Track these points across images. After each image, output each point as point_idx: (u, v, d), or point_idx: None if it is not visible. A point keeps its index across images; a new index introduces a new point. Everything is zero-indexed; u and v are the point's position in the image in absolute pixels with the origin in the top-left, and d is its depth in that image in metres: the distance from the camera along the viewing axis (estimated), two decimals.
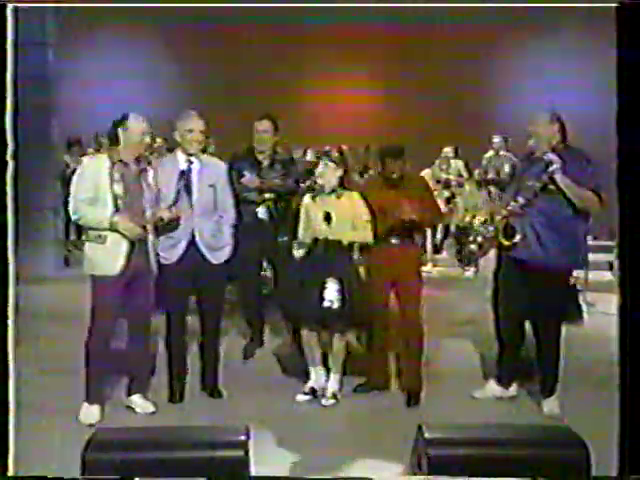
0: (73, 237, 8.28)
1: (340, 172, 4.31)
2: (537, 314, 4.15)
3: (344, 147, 7.74)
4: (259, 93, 10.49)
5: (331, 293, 4.09)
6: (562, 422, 3.70)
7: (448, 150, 9.72)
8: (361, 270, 4.42)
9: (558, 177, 3.92)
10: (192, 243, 4.24)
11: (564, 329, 4.25)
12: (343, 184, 4.35)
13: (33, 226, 7.33)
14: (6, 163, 2.37)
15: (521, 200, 4.02)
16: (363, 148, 10.00)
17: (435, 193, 5.82)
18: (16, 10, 2.44)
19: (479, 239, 4.16)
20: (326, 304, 4.08)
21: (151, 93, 10.78)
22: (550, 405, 4.17)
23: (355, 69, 11.56)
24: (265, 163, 4.90)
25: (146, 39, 11.39)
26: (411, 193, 4.31)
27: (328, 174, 4.26)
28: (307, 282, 4.21)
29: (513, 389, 4.39)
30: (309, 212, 4.36)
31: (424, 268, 6.04)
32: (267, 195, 4.82)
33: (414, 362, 4.39)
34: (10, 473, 2.31)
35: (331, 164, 4.29)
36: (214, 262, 4.29)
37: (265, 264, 5.20)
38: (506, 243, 4.06)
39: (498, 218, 4.08)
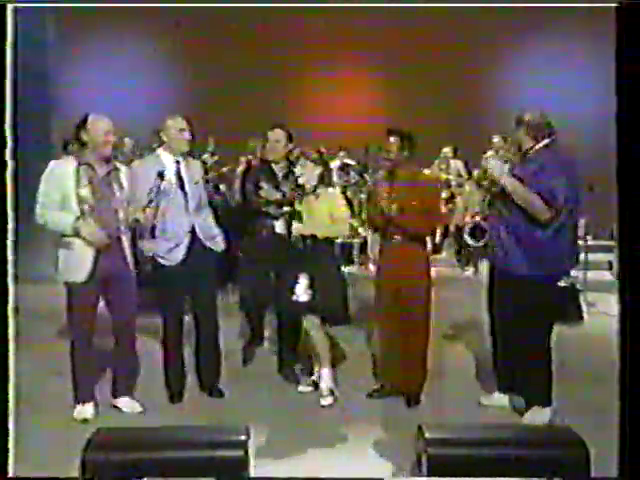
0: None
1: (319, 170, 4.40)
2: (515, 320, 3.95)
3: (323, 149, 7.79)
4: (259, 94, 10.52)
5: (301, 287, 4.26)
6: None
7: (447, 150, 9.76)
8: (344, 268, 4.49)
9: (503, 179, 3.89)
10: (194, 240, 4.25)
11: (565, 330, 4.24)
12: (324, 182, 4.43)
13: (33, 226, 7.31)
14: (6, 163, 2.36)
15: (478, 202, 4.01)
16: (364, 149, 10.04)
17: None
18: (16, 10, 2.44)
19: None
20: (293, 297, 4.27)
21: (151, 93, 10.79)
22: (533, 414, 3.92)
23: (355, 69, 11.57)
24: (281, 174, 4.84)
25: (146, 39, 11.38)
26: (417, 191, 4.17)
27: (307, 173, 4.37)
28: (282, 277, 4.42)
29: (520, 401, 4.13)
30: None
31: None
32: (286, 208, 4.72)
33: (418, 363, 4.36)
34: (10, 474, 2.30)
35: (309, 163, 4.45)
36: (215, 249, 4.35)
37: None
38: (470, 242, 4.03)
39: (468, 219, 4.05)
